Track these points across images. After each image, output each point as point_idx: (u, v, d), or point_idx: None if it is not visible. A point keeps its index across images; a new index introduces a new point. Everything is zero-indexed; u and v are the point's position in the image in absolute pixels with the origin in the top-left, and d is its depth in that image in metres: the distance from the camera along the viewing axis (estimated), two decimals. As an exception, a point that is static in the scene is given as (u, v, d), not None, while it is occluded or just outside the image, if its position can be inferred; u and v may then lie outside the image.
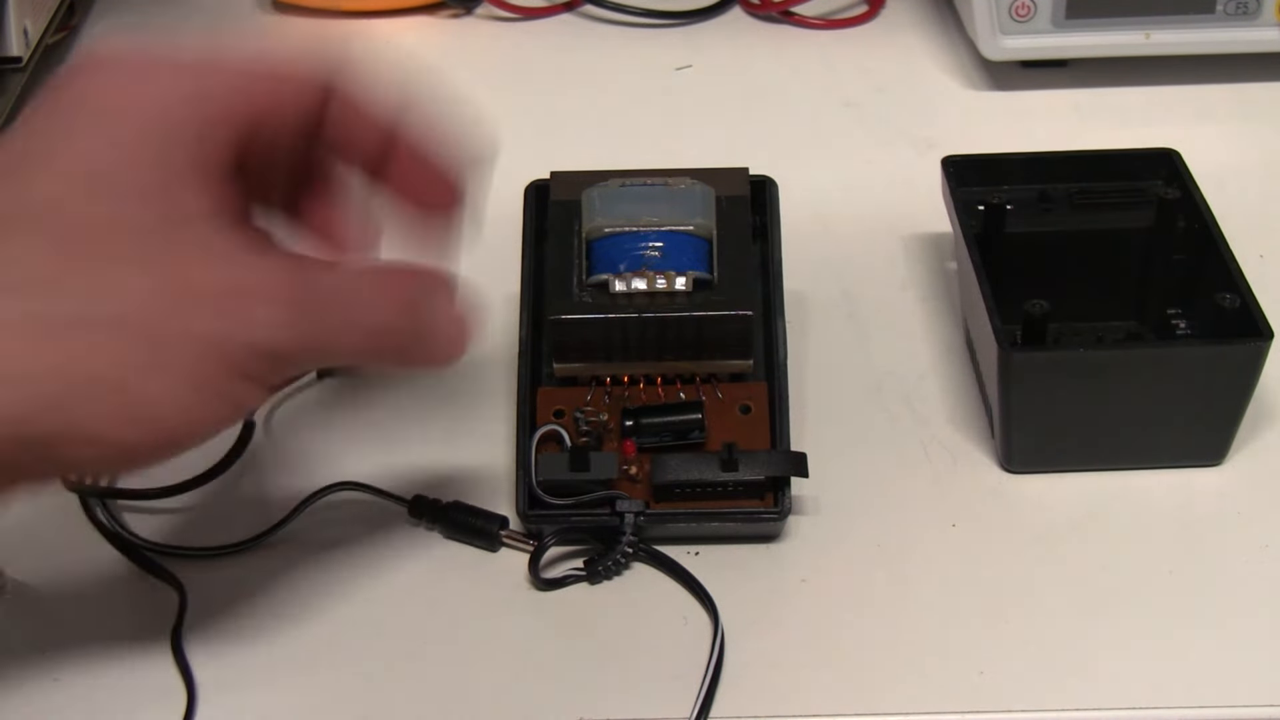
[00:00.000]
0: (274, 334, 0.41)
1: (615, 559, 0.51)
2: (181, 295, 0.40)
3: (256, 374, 0.41)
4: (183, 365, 0.40)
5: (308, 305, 0.41)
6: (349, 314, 0.43)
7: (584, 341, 0.53)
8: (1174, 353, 0.54)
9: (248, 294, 0.41)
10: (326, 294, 0.42)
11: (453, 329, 0.45)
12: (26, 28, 0.71)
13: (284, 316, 0.41)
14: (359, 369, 0.58)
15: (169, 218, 0.40)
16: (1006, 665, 0.48)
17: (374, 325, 0.43)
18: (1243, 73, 0.76)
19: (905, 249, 0.66)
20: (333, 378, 0.59)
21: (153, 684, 0.48)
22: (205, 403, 0.41)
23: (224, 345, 0.40)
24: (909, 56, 0.80)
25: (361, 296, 0.43)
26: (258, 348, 0.41)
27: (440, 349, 0.45)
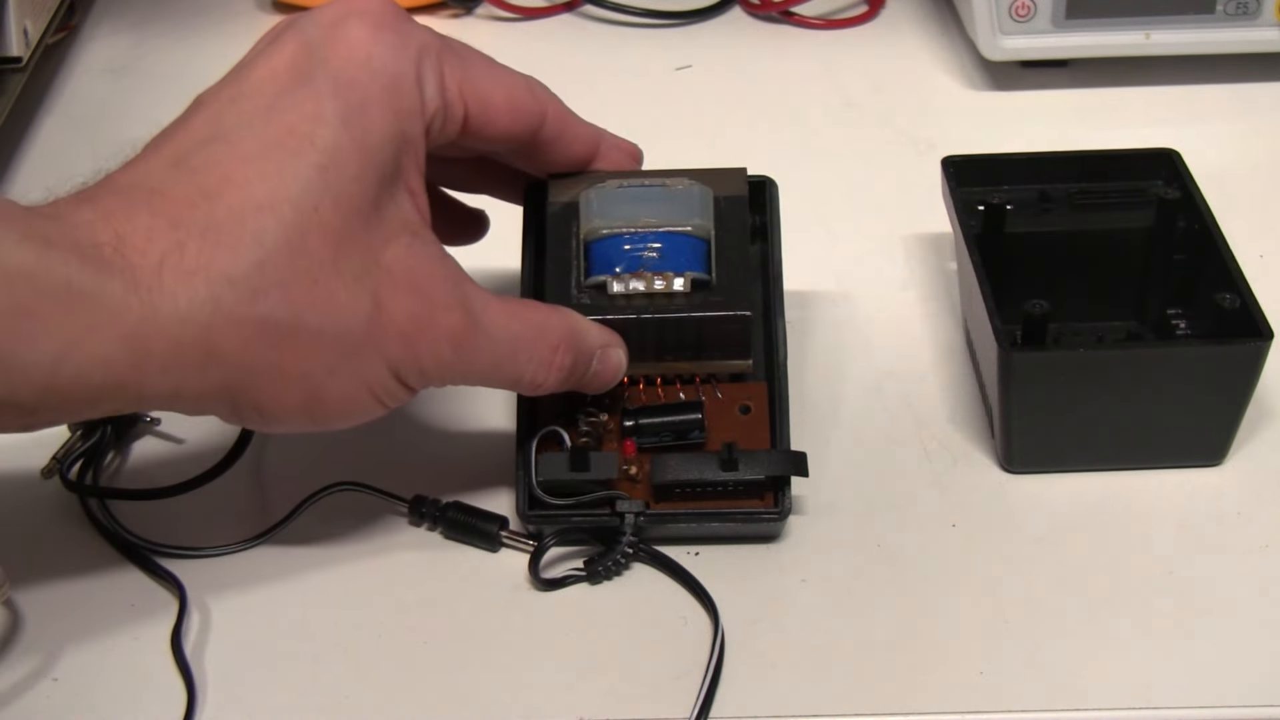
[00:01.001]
0: (438, 365, 0.47)
1: (615, 559, 0.51)
2: (380, 321, 0.45)
3: (415, 385, 0.47)
4: (364, 376, 0.46)
5: (471, 348, 0.47)
6: (503, 366, 0.48)
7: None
8: (1174, 353, 0.54)
9: (429, 327, 0.46)
10: (490, 342, 0.48)
11: (595, 382, 0.51)
12: (26, 28, 0.71)
13: (449, 354, 0.47)
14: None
15: (387, 234, 0.45)
16: (1006, 665, 0.48)
17: (520, 379, 0.49)
18: (1243, 73, 0.76)
19: (905, 249, 0.66)
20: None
21: (153, 684, 0.48)
22: (368, 403, 0.47)
23: (399, 364, 0.46)
24: (909, 56, 0.80)
25: (518, 355, 0.49)
26: (425, 372, 0.47)
27: (583, 390, 0.51)
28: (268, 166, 0.43)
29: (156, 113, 0.76)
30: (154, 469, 0.55)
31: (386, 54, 0.46)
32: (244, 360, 0.43)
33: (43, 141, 0.74)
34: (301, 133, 0.44)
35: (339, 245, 0.44)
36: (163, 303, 0.42)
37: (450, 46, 0.48)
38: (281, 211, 0.43)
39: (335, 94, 0.45)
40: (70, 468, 0.55)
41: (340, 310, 0.44)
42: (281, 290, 0.43)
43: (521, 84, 0.51)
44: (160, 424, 0.57)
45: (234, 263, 0.42)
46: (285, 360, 0.44)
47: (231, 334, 0.43)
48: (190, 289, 0.42)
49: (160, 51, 0.82)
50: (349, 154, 0.44)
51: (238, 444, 0.55)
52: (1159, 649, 0.49)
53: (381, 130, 0.45)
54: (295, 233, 0.43)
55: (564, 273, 0.54)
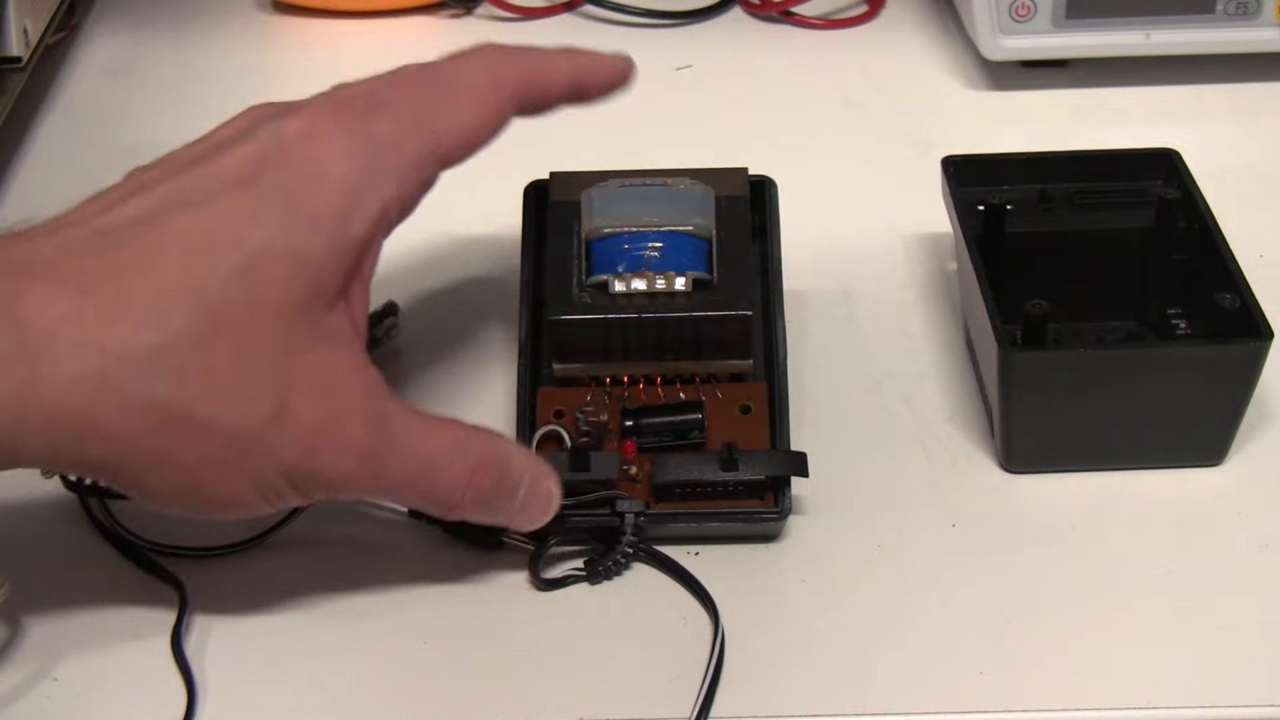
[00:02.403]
0: (338, 476, 0.45)
1: (615, 559, 0.51)
2: (280, 423, 0.43)
3: (311, 494, 0.46)
4: (251, 475, 0.44)
5: (379, 463, 0.45)
6: (413, 484, 0.47)
7: (584, 342, 0.53)
8: (1174, 353, 0.54)
9: (332, 435, 0.44)
10: (400, 458, 0.46)
11: (523, 515, 0.49)
12: (26, 28, 0.71)
13: (351, 466, 0.45)
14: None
15: (306, 342, 0.44)
16: (1006, 665, 0.48)
17: (433, 499, 0.48)
18: (1242, 73, 0.76)
19: (905, 249, 0.66)
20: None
21: (153, 684, 0.48)
22: (253, 501, 0.45)
23: (294, 471, 0.44)
24: (909, 56, 0.80)
25: (432, 474, 0.47)
26: (323, 482, 0.45)
27: (509, 524, 0.49)
28: (189, 257, 0.42)
29: (156, 113, 0.77)
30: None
31: (342, 168, 0.44)
32: (124, 440, 0.42)
33: (43, 141, 0.74)
34: (231, 231, 0.43)
35: (247, 346, 0.42)
36: (48, 369, 0.40)
37: (412, 122, 0.46)
38: (191, 301, 0.42)
39: (276, 200, 0.43)
40: (70, 468, 0.55)
41: (237, 407, 0.42)
42: (176, 377, 0.41)
43: (485, 87, 0.48)
44: (160, 424, 0.57)
45: (131, 341, 0.41)
46: (168, 447, 0.42)
47: (115, 412, 0.41)
48: (79, 359, 0.40)
49: (160, 51, 0.82)
50: (277, 260, 0.43)
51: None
52: (1159, 649, 0.49)
53: (323, 241, 0.44)
54: (202, 324, 0.42)
55: (565, 272, 0.54)
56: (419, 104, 0.47)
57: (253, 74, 0.79)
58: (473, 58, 0.49)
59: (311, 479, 0.45)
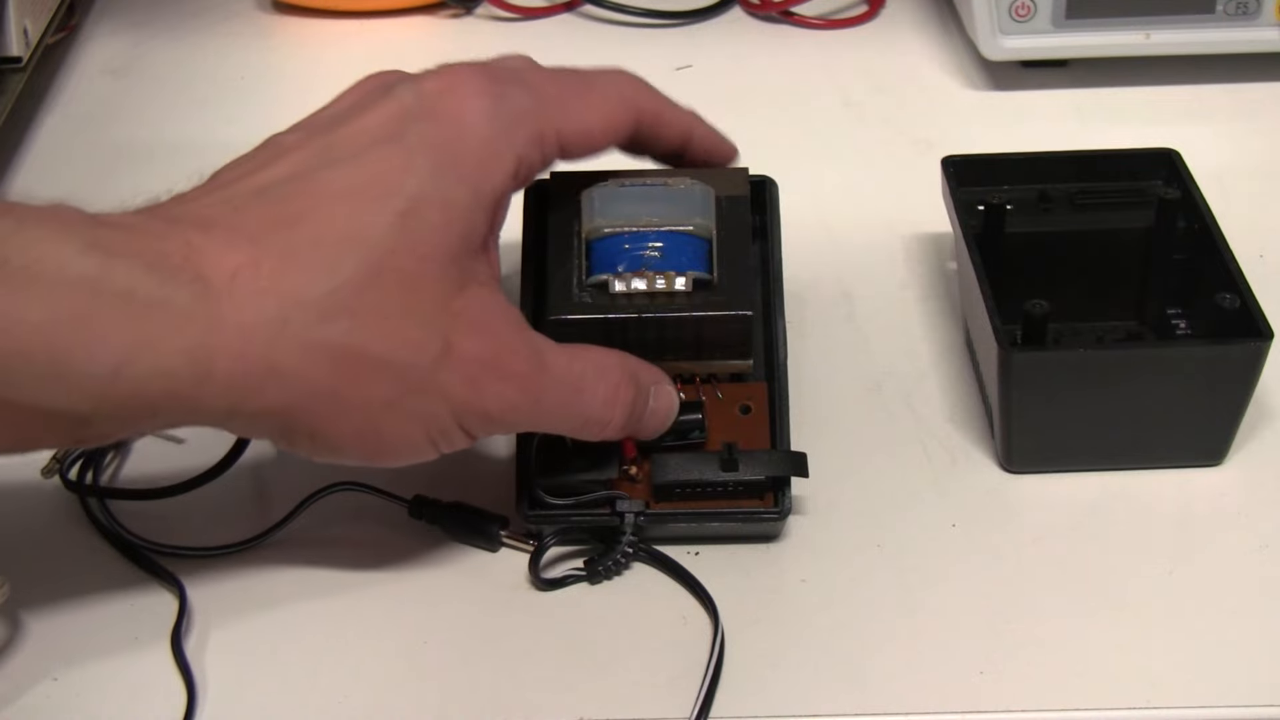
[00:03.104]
0: (504, 407, 0.47)
1: (615, 559, 0.51)
2: (448, 360, 0.45)
3: (476, 432, 0.47)
4: (423, 415, 0.46)
5: (539, 389, 0.47)
6: (570, 406, 0.48)
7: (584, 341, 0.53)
8: (1174, 353, 0.54)
9: (495, 368, 0.46)
10: (556, 382, 0.48)
11: (653, 421, 0.51)
12: (26, 28, 0.71)
13: (516, 396, 0.47)
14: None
15: (460, 283, 0.46)
16: (1006, 665, 0.48)
17: (589, 417, 0.49)
18: (1242, 73, 0.76)
19: (905, 249, 0.66)
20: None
21: (153, 684, 0.48)
22: (422, 444, 0.46)
23: (463, 408, 0.46)
24: (909, 56, 0.80)
25: (584, 394, 0.49)
26: (489, 415, 0.47)
27: (640, 433, 0.51)
28: (351, 206, 0.44)
29: (156, 113, 0.77)
30: (154, 469, 0.55)
31: (481, 122, 0.47)
32: (304, 382, 0.43)
33: (43, 141, 0.74)
34: (388, 181, 0.45)
35: (412, 288, 0.44)
36: (229, 316, 0.42)
37: (546, 100, 0.49)
38: (359, 248, 0.44)
39: (426, 152, 0.45)
40: (70, 468, 0.55)
41: (408, 346, 0.44)
42: (350, 319, 0.43)
43: (615, 98, 0.51)
44: (160, 424, 0.57)
45: (307, 286, 0.43)
46: (345, 388, 0.44)
47: (295, 355, 0.43)
48: (259, 306, 0.42)
49: (160, 51, 0.82)
50: (432, 206, 0.45)
51: (238, 444, 0.55)
52: (1159, 649, 0.49)
53: (468, 190, 0.46)
54: (370, 269, 0.44)
55: (565, 271, 0.54)
56: (554, 87, 0.50)
57: (253, 74, 0.79)
58: (611, 73, 0.52)
59: (480, 414, 0.46)
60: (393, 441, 0.46)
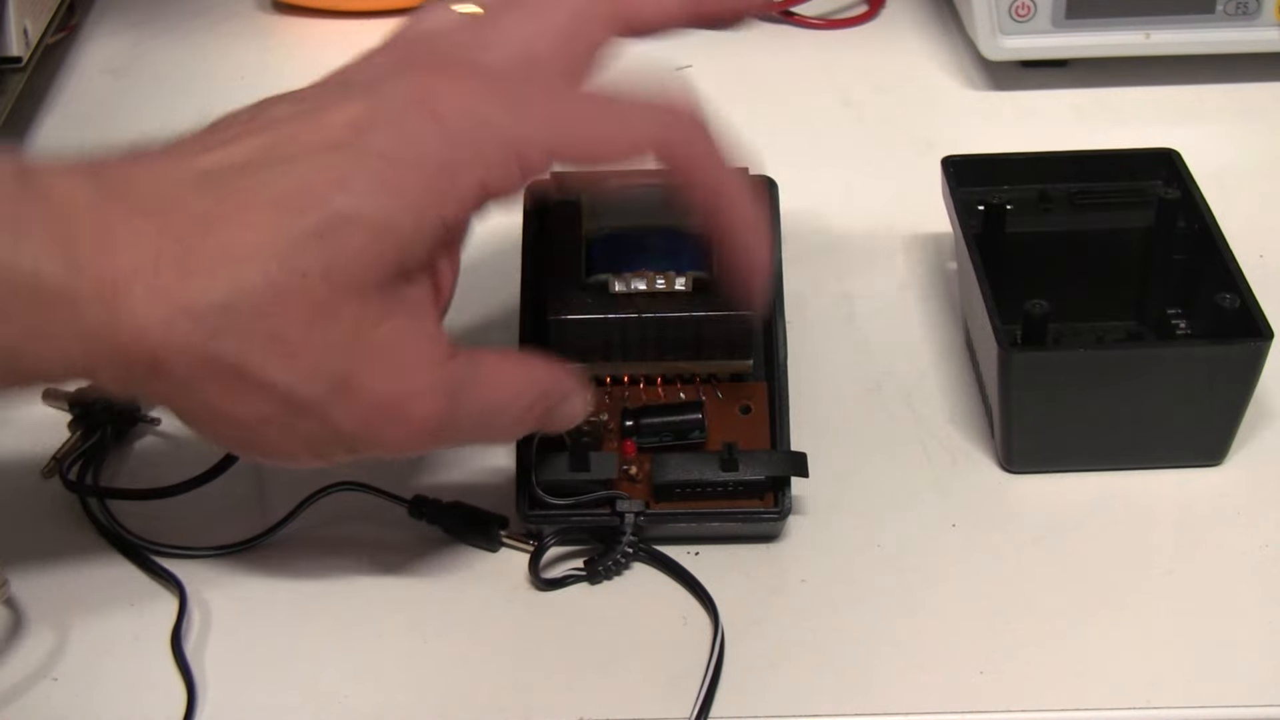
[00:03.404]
0: (394, 448, 0.45)
1: (615, 559, 0.51)
2: (343, 396, 0.43)
3: (367, 457, 0.45)
4: (306, 436, 0.44)
5: (438, 431, 0.45)
6: (472, 436, 0.47)
7: (584, 342, 0.53)
8: (1174, 353, 0.54)
9: (395, 412, 0.44)
10: (462, 422, 0.46)
11: (550, 428, 0.49)
12: (26, 28, 0.71)
13: (409, 441, 0.45)
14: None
15: (381, 314, 0.43)
16: (1006, 665, 0.48)
17: (493, 439, 0.49)
18: (1242, 73, 0.76)
19: (905, 249, 0.66)
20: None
21: (153, 684, 0.48)
22: (305, 458, 0.45)
23: (350, 441, 0.44)
24: (909, 56, 0.80)
25: (491, 427, 0.47)
26: (380, 449, 0.45)
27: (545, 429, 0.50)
28: (271, 218, 0.42)
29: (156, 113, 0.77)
30: (154, 469, 0.55)
31: (442, 144, 0.43)
32: (186, 385, 0.42)
33: (43, 141, 0.74)
34: (314, 194, 0.42)
35: (318, 315, 0.42)
36: (122, 315, 0.41)
37: (543, 120, 0.45)
38: (265, 264, 0.41)
39: (372, 166, 0.42)
40: (70, 468, 0.55)
41: (298, 376, 0.42)
42: (238, 338, 0.42)
43: (644, 135, 0.46)
44: (160, 424, 0.57)
45: (199, 297, 0.41)
46: (226, 399, 0.43)
47: (179, 360, 0.42)
48: (150, 307, 0.41)
49: (160, 51, 0.82)
50: (358, 229, 0.42)
51: (238, 444, 0.55)
52: (1159, 649, 0.49)
53: (410, 215, 0.43)
54: (273, 289, 0.41)
55: (565, 271, 0.54)
56: (563, 106, 0.46)
57: (252, 74, 0.79)
58: (650, 107, 0.47)
59: (370, 448, 0.45)
60: (273, 452, 0.45)
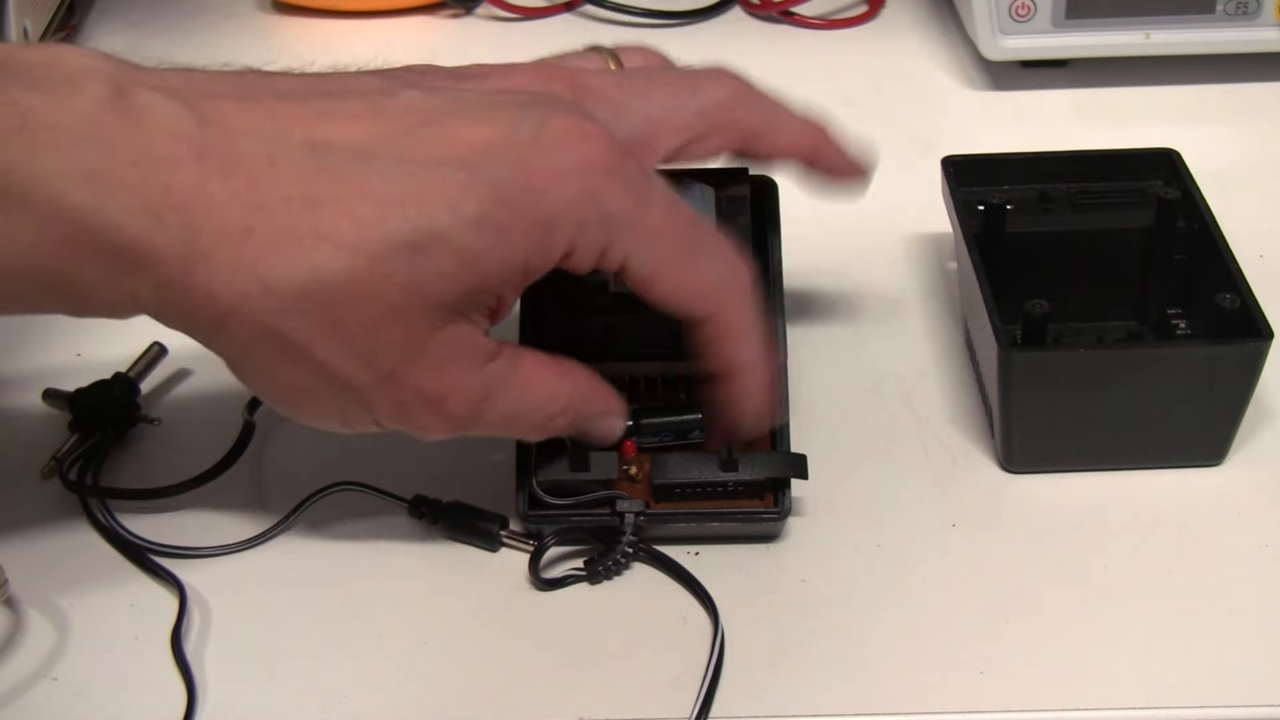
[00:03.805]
0: (424, 430, 0.47)
1: (615, 559, 0.51)
2: (386, 385, 0.45)
3: (386, 429, 0.47)
4: (344, 409, 0.46)
5: (469, 424, 0.47)
6: (496, 430, 0.48)
7: (583, 342, 0.53)
8: (1174, 353, 0.54)
9: (433, 405, 0.46)
10: (492, 418, 0.47)
11: (584, 439, 0.50)
12: (26, 28, 0.71)
13: (441, 428, 0.47)
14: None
15: (442, 322, 0.44)
16: (1006, 665, 0.48)
17: (515, 436, 0.50)
18: (1242, 73, 0.76)
19: (905, 249, 0.66)
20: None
21: (153, 684, 0.48)
22: (338, 425, 0.47)
23: (384, 419, 0.46)
24: (909, 56, 0.80)
25: (516, 424, 0.48)
26: (410, 430, 0.47)
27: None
28: (375, 215, 0.43)
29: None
30: (154, 469, 0.55)
31: (556, 204, 0.44)
32: (247, 349, 0.44)
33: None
34: (424, 208, 0.43)
35: (386, 319, 0.43)
36: (200, 277, 0.42)
37: (645, 231, 0.46)
38: (354, 259, 0.42)
39: (484, 198, 0.43)
40: (70, 468, 0.55)
41: (351, 362, 0.44)
42: (307, 321, 0.43)
43: (707, 286, 0.48)
44: (160, 424, 0.57)
45: (280, 275, 0.42)
46: (278, 367, 0.44)
47: (245, 328, 0.43)
48: (230, 275, 0.42)
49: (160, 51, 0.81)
50: (451, 255, 0.43)
51: (238, 444, 0.55)
52: (1159, 649, 0.49)
53: (503, 258, 0.44)
54: (353, 285, 0.43)
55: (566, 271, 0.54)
56: (656, 239, 0.46)
57: (253, 74, 0.79)
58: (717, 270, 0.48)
59: (398, 427, 0.47)
60: (306, 415, 0.46)
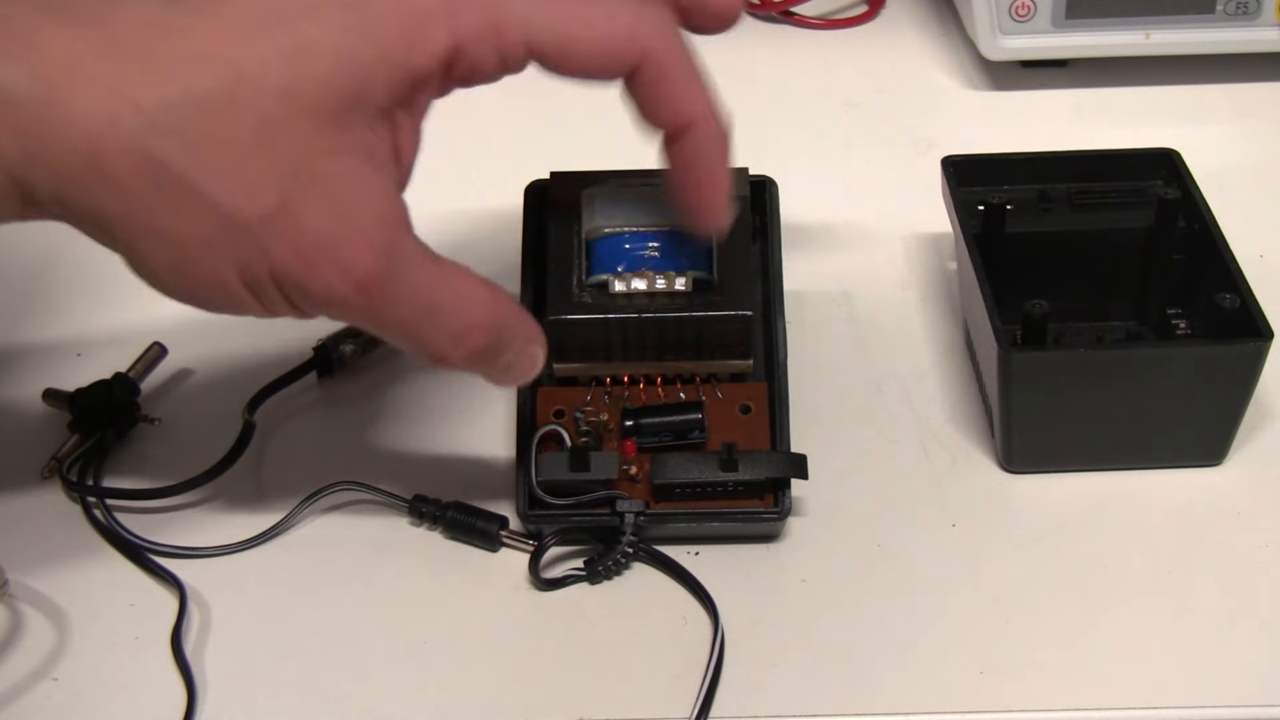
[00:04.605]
0: (330, 298, 0.43)
1: (615, 559, 0.51)
2: (279, 220, 0.41)
3: (303, 309, 0.43)
4: (241, 267, 0.42)
5: (378, 297, 0.43)
6: (408, 327, 0.44)
7: (584, 341, 0.53)
8: (1174, 353, 0.54)
9: (332, 253, 0.42)
10: (402, 299, 0.44)
11: (504, 377, 0.47)
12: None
13: (346, 293, 0.43)
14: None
15: (335, 147, 0.42)
16: (1006, 665, 0.48)
17: (425, 346, 0.45)
18: (1242, 73, 0.76)
19: (905, 249, 0.66)
20: (331, 378, 0.59)
21: (153, 684, 0.48)
22: (243, 297, 0.43)
23: (283, 276, 0.42)
24: (909, 56, 0.80)
25: (429, 322, 0.44)
26: (310, 296, 0.43)
27: (488, 378, 0.47)
28: (239, 31, 0.41)
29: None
30: (154, 469, 0.55)
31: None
32: (124, 192, 0.41)
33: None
34: (289, 15, 0.41)
35: (268, 132, 0.41)
36: (61, 108, 0.40)
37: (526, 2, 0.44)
38: (223, 72, 0.40)
39: (351, 2, 0.42)
40: (70, 468, 0.55)
41: (236, 190, 0.41)
42: (182, 139, 0.40)
43: (621, 26, 0.46)
44: (160, 424, 0.57)
45: (148, 93, 0.40)
46: (162, 210, 0.41)
47: (119, 159, 0.40)
48: (94, 100, 0.40)
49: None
50: (326, 55, 0.41)
51: (238, 444, 0.55)
52: (1159, 649, 0.49)
53: (375, 51, 0.42)
54: (227, 97, 0.40)
55: (565, 271, 0.54)
56: None
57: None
58: (635, 11, 0.46)
59: (301, 291, 0.43)
60: (205, 281, 0.43)
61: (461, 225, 0.66)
